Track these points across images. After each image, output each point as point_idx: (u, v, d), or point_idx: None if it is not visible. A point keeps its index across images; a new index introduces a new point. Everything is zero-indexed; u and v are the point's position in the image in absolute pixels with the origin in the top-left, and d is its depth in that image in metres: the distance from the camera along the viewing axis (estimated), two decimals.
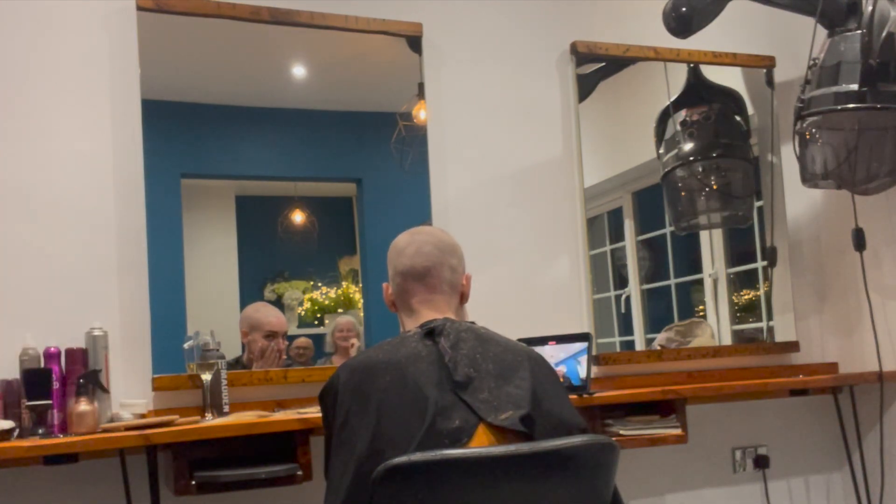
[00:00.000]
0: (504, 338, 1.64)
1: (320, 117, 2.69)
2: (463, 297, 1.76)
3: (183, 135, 2.53)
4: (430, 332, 1.58)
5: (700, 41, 2.80)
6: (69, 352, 2.16)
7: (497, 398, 1.48)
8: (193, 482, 2.07)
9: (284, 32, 2.57)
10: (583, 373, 2.47)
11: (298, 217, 2.66)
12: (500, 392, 1.50)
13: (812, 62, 2.54)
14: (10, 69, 2.31)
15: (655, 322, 3.08)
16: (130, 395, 2.29)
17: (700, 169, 3.06)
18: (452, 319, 1.64)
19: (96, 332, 2.20)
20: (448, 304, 1.70)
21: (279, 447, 2.18)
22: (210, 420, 2.20)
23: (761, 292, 3.17)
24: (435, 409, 1.43)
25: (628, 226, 3.13)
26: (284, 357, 2.56)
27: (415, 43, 2.74)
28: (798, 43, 2.88)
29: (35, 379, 2.09)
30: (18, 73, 2.32)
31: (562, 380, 2.44)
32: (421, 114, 2.73)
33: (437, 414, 1.43)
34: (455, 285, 1.73)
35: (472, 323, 1.66)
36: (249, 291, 2.59)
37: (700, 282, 3.20)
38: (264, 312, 2.58)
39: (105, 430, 2.06)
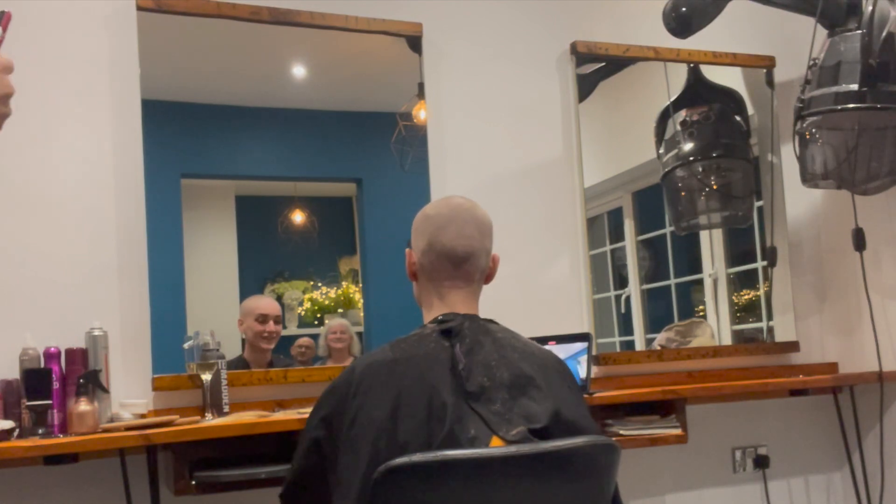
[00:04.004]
0: (522, 341, 1.58)
1: (320, 117, 2.68)
2: (489, 279, 1.69)
3: (183, 135, 2.52)
4: (447, 332, 1.52)
5: (700, 41, 2.80)
6: (69, 352, 2.16)
7: (510, 410, 1.44)
8: (193, 482, 2.07)
9: (284, 32, 2.56)
10: (583, 373, 2.47)
11: (298, 217, 2.66)
12: (513, 404, 1.45)
13: (812, 62, 2.54)
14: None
15: (655, 322, 3.08)
16: (130, 395, 2.29)
17: (700, 169, 3.06)
18: (472, 317, 1.57)
19: (96, 332, 2.20)
20: (475, 294, 1.64)
21: (279, 447, 2.18)
22: (210, 420, 2.20)
23: (761, 292, 3.17)
24: (453, 416, 1.40)
25: (628, 226, 3.13)
26: (273, 345, 2.53)
27: (415, 43, 2.74)
28: (798, 43, 2.88)
29: (35, 379, 2.09)
30: (18, 73, 2.30)
31: None
32: (421, 114, 2.73)
33: (455, 422, 1.39)
34: (485, 270, 1.66)
35: (492, 321, 1.60)
36: (249, 291, 2.58)
37: (700, 282, 3.20)
38: (255, 298, 2.58)
39: (105, 430, 2.06)
